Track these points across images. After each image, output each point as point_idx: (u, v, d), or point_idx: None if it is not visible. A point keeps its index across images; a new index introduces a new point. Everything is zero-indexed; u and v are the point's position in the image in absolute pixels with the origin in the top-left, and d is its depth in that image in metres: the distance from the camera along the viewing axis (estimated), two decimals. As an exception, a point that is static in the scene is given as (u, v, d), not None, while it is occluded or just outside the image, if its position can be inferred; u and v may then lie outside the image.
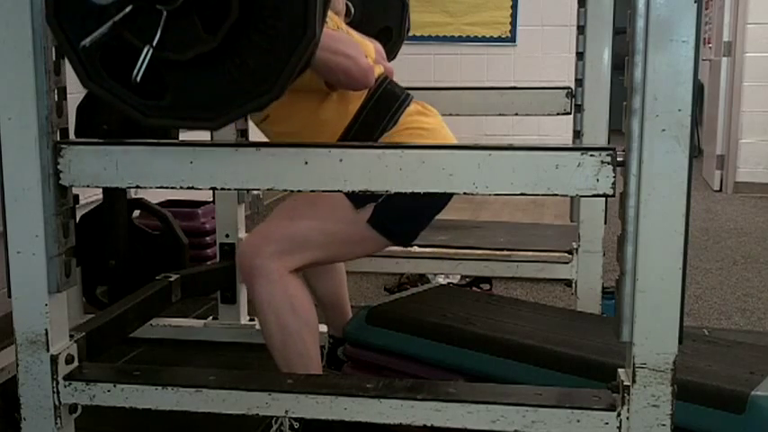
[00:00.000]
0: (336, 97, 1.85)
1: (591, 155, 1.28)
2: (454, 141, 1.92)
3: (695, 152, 6.81)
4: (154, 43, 1.25)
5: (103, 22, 1.26)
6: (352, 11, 2.22)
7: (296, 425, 1.81)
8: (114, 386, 1.50)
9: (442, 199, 1.90)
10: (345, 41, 1.75)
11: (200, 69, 1.28)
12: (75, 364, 1.55)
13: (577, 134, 2.51)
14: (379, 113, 1.87)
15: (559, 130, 5.28)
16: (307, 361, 1.76)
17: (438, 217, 1.92)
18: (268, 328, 1.76)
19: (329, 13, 1.28)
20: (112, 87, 1.32)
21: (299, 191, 1.42)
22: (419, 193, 1.36)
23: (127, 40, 1.27)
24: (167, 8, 1.24)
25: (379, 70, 1.90)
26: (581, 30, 2.47)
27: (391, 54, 2.34)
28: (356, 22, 2.17)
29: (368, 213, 1.80)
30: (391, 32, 2.34)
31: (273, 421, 1.84)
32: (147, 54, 1.25)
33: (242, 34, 1.25)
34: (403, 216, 1.86)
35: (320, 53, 1.30)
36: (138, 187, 1.47)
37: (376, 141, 1.84)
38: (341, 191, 1.51)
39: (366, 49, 1.83)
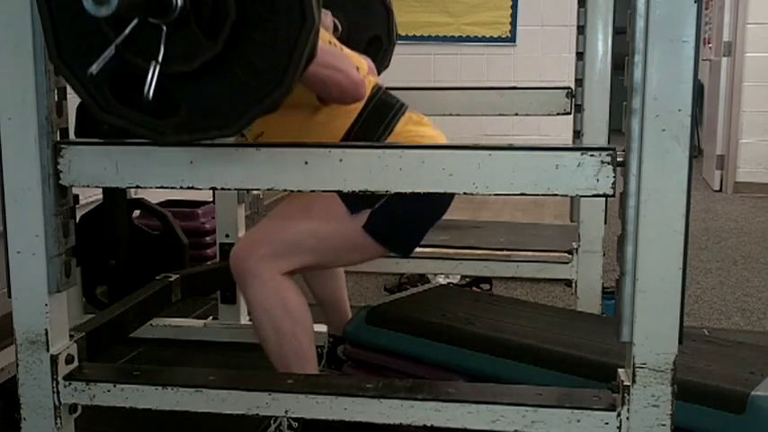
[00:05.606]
0: (329, 111, 1.82)
1: (591, 155, 1.28)
2: None
3: (695, 152, 6.83)
4: (159, 59, 1.24)
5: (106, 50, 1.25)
6: (340, 27, 2.20)
7: (294, 425, 1.81)
8: (114, 386, 1.50)
9: (438, 208, 1.87)
10: (336, 55, 1.71)
11: (209, 78, 1.27)
12: (75, 364, 1.55)
13: (577, 134, 2.51)
14: (373, 123, 1.84)
15: (559, 130, 5.27)
16: (303, 361, 1.75)
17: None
18: (262, 329, 1.75)
19: (320, 29, 1.27)
20: (126, 114, 1.31)
21: (298, 191, 1.42)
22: (415, 199, 1.34)
23: (132, 62, 1.26)
24: (165, 22, 1.23)
25: (371, 82, 1.88)
26: (581, 30, 2.47)
27: (384, 62, 2.32)
28: (344, 38, 2.14)
29: (363, 219, 1.78)
30: (381, 41, 2.31)
31: (272, 421, 1.84)
32: (154, 70, 1.24)
33: (243, 35, 1.24)
34: (399, 224, 1.83)
35: (312, 67, 1.29)
36: (138, 187, 1.47)
37: None
38: (341, 191, 1.51)
39: (357, 63, 1.80)
